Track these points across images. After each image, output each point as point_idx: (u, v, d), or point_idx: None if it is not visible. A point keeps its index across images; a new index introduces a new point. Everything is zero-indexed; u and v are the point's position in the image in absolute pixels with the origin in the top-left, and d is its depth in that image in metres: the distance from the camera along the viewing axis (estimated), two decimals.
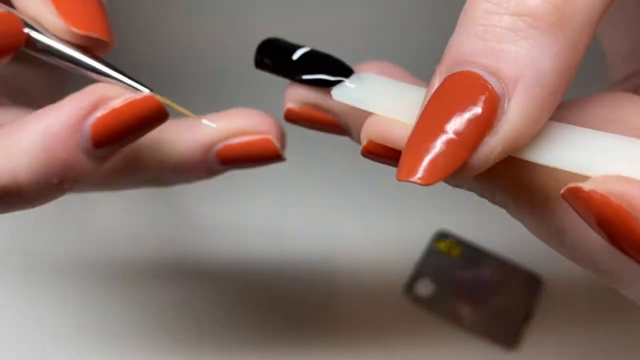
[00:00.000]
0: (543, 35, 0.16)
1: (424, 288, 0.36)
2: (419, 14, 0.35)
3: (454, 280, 0.36)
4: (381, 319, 0.36)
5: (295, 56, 0.22)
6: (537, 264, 0.36)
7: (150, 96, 0.20)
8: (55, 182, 0.20)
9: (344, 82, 0.21)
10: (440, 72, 0.17)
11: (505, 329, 0.35)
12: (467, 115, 0.16)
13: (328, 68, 0.21)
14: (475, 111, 0.16)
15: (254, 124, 0.23)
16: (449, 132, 0.16)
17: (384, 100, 0.20)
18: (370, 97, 0.20)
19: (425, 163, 0.16)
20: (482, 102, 0.16)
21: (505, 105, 0.16)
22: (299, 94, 0.22)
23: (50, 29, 0.21)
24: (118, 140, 0.20)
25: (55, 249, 0.38)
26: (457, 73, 0.16)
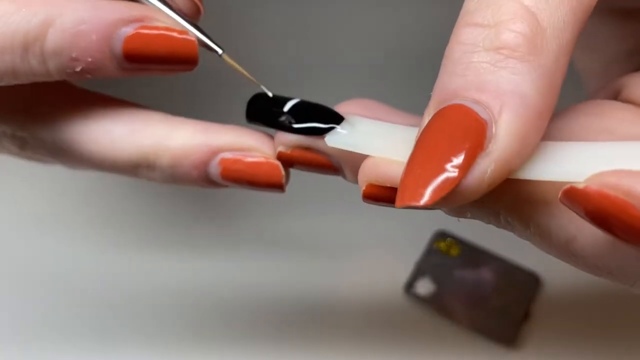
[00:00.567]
0: (521, 63, 0.17)
1: (424, 288, 0.36)
2: (419, 14, 0.36)
3: (454, 279, 0.36)
4: (381, 319, 0.36)
5: (286, 108, 0.22)
6: (537, 264, 0.36)
7: (190, 40, 0.21)
8: (77, 69, 0.21)
9: (335, 129, 0.21)
10: (429, 110, 0.18)
11: (505, 328, 0.35)
12: (457, 140, 0.16)
13: (318, 116, 0.22)
14: (464, 136, 0.16)
15: (266, 147, 0.23)
16: (442, 158, 0.16)
17: (378, 142, 0.21)
18: (363, 141, 0.21)
19: (421, 186, 0.16)
20: (470, 128, 0.16)
21: (493, 129, 0.16)
22: (288, 138, 0.22)
23: None
24: (143, 62, 0.21)
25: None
26: (444, 108, 0.17)
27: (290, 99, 0.23)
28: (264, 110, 0.23)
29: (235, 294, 0.37)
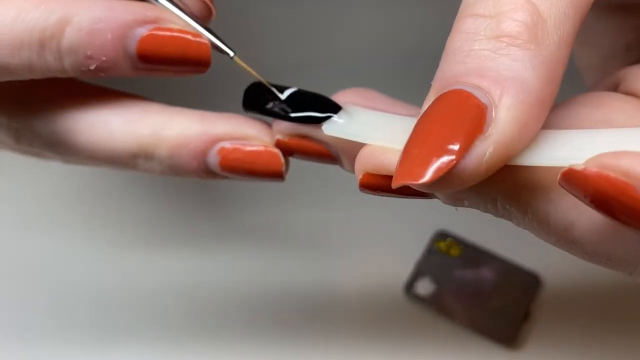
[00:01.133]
0: (521, 51, 0.17)
1: (424, 287, 0.36)
2: (420, 13, 0.36)
3: (454, 279, 0.36)
4: (381, 319, 0.36)
5: (284, 96, 0.22)
6: (536, 264, 0.36)
7: (203, 43, 0.21)
8: (91, 67, 0.21)
9: (333, 118, 0.22)
10: (429, 98, 0.18)
11: (505, 328, 0.35)
12: (457, 123, 0.16)
13: (316, 106, 0.22)
14: (463, 119, 0.16)
15: (265, 135, 0.23)
16: (441, 140, 0.16)
17: (375, 131, 0.21)
18: (361, 129, 0.21)
19: (418, 165, 0.16)
20: (470, 111, 0.16)
21: (493, 114, 0.16)
22: (286, 126, 0.23)
23: None
24: (156, 62, 0.21)
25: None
26: (444, 93, 0.17)
27: (288, 87, 0.23)
28: (261, 99, 0.23)
29: (233, 291, 0.37)
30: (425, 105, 0.18)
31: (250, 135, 0.23)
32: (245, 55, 0.22)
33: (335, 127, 0.21)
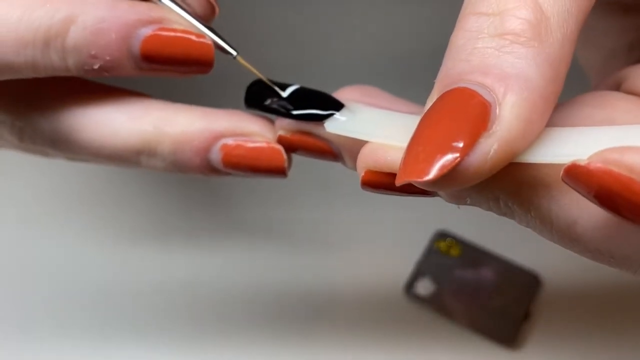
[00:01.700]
0: (525, 49, 0.17)
1: (424, 288, 0.36)
2: (421, 12, 0.36)
3: (454, 279, 0.36)
4: (381, 319, 0.36)
5: (285, 93, 0.22)
6: (537, 264, 0.36)
7: (206, 43, 0.22)
8: (95, 66, 0.21)
9: (335, 115, 0.21)
10: (432, 96, 0.18)
11: (505, 328, 0.35)
12: (461, 121, 0.16)
13: (318, 103, 0.22)
14: (467, 117, 0.16)
15: (268, 132, 0.23)
16: (445, 137, 0.16)
17: (377, 128, 0.21)
18: (363, 127, 0.21)
19: (422, 162, 0.16)
20: (474, 109, 0.16)
21: (497, 111, 0.16)
22: (289, 122, 0.22)
23: None
24: (160, 62, 0.21)
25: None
26: (448, 91, 0.17)
27: (290, 85, 0.23)
28: (262, 96, 0.23)
29: (232, 289, 0.37)
30: (429, 103, 0.17)
31: (253, 131, 0.23)
32: (247, 53, 0.22)
33: (338, 125, 0.21)
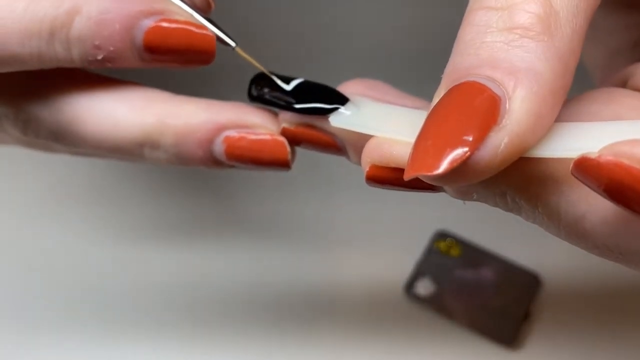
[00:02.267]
0: (534, 43, 0.17)
1: (424, 288, 0.36)
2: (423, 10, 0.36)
3: (454, 279, 0.36)
4: (381, 319, 0.36)
5: (290, 87, 0.22)
6: (536, 264, 0.36)
7: (208, 35, 0.22)
8: (99, 57, 0.21)
9: (340, 109, 0.21)
10: (440, 90, 0.17)
11: (505, 328, 0.35)
12: (470, 115, 0.16)
13: (323, 97, 0.22)
14: (477, 111, 0.16)
15: (271, 124, 0.23)
16: (455, 131, 0.16)
17: (382, 122, 0.20)
18: (367, 121, 0.21)
19: (432, 156, 0.16)
20: (483, 103, 0.16)
21: (507, 105, 0.16)
22: (292, 115, 0.22)
23: None
24: (162, 54, 0.22)
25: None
26: (457, 85, 0.17)
27: (295, 78, 0.23)
28: (266, 90, 0.23)
29: (234, 286, 0.37)
30: (437, 98, 0.17)
31: (256, 123, 0.23)
32: (251, 47, 0.22)
33: (343, 119, 0.21)
